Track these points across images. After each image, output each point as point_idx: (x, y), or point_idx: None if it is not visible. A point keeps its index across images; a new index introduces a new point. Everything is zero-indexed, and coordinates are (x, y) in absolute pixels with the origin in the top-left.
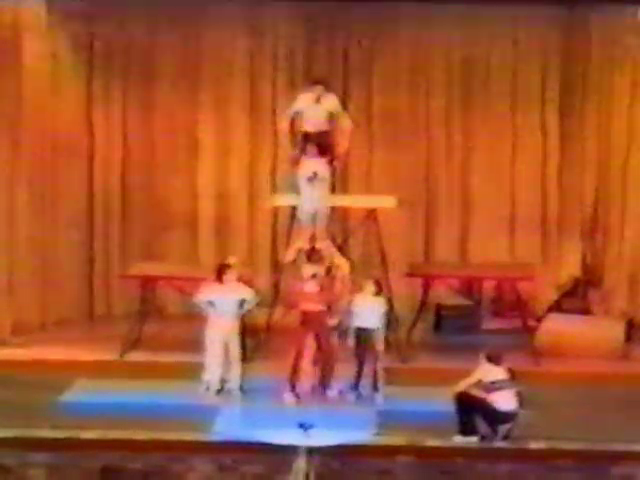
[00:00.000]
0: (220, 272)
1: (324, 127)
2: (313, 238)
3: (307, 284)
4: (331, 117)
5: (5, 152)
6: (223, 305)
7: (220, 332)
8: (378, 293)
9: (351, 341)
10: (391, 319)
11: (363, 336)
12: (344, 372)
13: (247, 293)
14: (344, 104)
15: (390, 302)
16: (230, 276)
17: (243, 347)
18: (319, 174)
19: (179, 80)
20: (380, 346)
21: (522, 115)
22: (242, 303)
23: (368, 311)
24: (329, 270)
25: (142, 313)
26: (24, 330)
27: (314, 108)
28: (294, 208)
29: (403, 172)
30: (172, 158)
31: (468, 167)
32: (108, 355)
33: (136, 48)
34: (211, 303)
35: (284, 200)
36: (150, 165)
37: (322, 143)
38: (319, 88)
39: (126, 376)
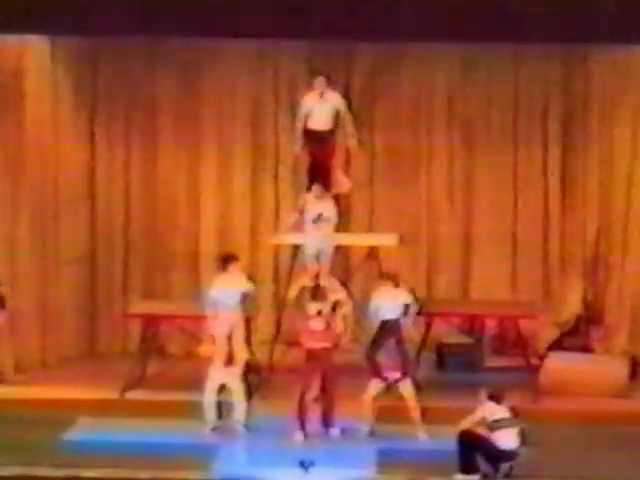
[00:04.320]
0: (225, 262)
1: (328, 126)
2: (317, 276)
3: (312, 322)
4: (336, 114)
5: (7, 190)
6: (226, 298)
7: (224, 326)
8: (397, 286)
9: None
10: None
11: (387, 327)
12: (347, 410)
13: (247, 285)
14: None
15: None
16: (234, 267)
17: (247, 385)
18: (324, 215)
19: (181, 119)
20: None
21: (523, 152)
22: (244, 298)
23: (388, 305)
24: (334, 307)
25: (143, 352)
26: (25, 368)
27: (319, 106)
28: (296, 246)
29: (405, 210)
30: (174, 196)
31: (470, 205)
32: (110, 393)
33: (138, 88)
34: (215, 300)
35: (287, 239)
36: (152, 203)
37: (324, 142)
38: (321, 80)
39: (128, 414)
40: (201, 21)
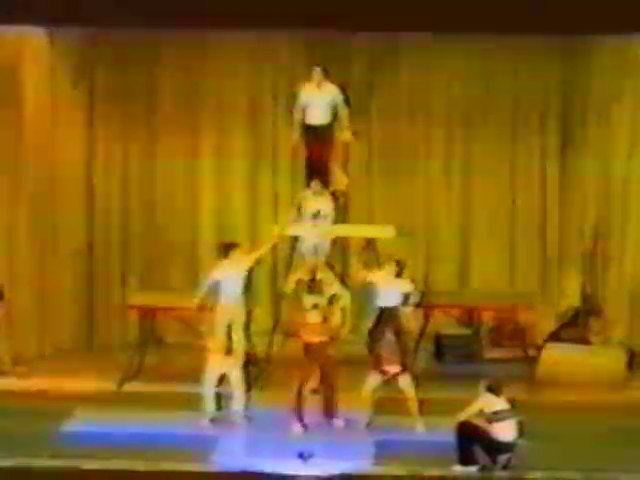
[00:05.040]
0: (226, 249)
1: (326, 120)
2: (314, 269)
3: (309, 315)
4: (334, 106)
5: (6, 182)
6: (229, 283)
7: (224, 316)
8: (399, 274)
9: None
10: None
11: (386, 315)
12: (345, 402)
13: (249, 262)
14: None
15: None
16: (236, 253)
17: (246, 376)
18: (322, 211)
19: (180, 111)
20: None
21: (522, 146)
22: (245, 284)
23: (389, 291)
24: (331, 300)
25: (141, 343)
26: (24, 360)
27: (316, 97)
28: (295, 238)
29: (403, 202)
30: (173, 188)
31: (468, 197)
32: (108, 385)
33: (137, 80)
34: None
35: (287, 230)
36: (151, 195)
37: (322, 138)
38: (318, 71)
39: (126, 406)
40: (199, 12)
